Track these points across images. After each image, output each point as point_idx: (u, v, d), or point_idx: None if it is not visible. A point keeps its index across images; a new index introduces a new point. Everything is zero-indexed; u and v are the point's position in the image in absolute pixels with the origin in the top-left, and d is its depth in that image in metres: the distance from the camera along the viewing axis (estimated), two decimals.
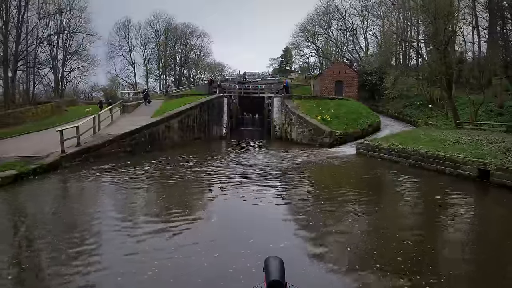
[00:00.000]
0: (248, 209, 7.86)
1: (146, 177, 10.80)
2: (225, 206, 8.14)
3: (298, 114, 21.42)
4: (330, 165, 13.57)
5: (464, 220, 7.48)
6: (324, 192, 9.36)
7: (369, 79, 32.66)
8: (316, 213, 7.39)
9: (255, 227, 6.60)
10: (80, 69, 42.22)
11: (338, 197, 8.73)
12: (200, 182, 10.33)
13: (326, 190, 9.55)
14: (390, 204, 8.53)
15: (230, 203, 8.38)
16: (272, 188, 9.63)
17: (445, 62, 23.54)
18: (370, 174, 12.38)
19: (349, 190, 9.39)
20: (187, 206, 7.79)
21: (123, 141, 14.28)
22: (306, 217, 7.05)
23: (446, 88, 22.88)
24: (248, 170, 12.09)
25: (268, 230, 6.40)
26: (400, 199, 9.05)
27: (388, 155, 14.44)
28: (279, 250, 5.23)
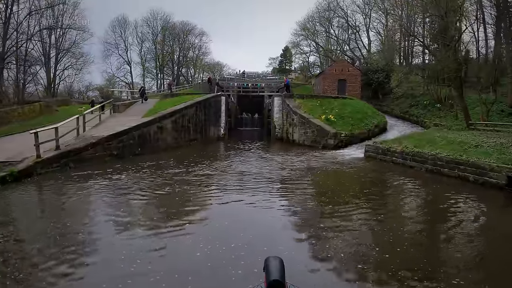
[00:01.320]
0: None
1: (112, 191, 8.99)
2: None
3: (300, 114, 20.09)
4: (338, 172, 12.13)
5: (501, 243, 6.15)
6: (335, 211, 7.63)
7: (375, 76, 31.34)
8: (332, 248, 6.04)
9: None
10: (74, 68, 40.71)
11: (351, 215, 7.40)
12: (179, 198, 8.39)
13: (337, 207, 7.95)
14: (416, 223, 7.19)
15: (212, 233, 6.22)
16: (268, 207, 7.75)
17: (456, 59, 22.28)
18: (384, 182, 11.06)
19: (367, 211, 7.88)
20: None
21: (109, 143, 12.91)
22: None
23: (458, 86, 21.60)
24: (242, 180, 10.52)
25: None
26: (424, 213, 7.73)
27: (401, 159, 13.12)
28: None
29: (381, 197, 9.23)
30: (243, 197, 8.58)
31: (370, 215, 7.25)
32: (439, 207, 8.18)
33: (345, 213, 7.33)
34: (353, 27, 43.75)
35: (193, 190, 9.14)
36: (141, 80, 56.40)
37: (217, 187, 9.71)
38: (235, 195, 8.81)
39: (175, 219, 6.79)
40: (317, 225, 6.51)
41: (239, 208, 7.83)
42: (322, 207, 7.84)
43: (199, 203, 8.17)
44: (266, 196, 8.72)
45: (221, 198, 8.51)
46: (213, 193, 9.09)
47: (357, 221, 6.87)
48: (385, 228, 6.42)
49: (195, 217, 7.08)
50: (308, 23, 49.86)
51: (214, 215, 7.31)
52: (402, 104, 30.65)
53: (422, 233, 6.36)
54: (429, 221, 7.17)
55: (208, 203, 8.27)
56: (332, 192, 9.36)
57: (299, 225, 6.68)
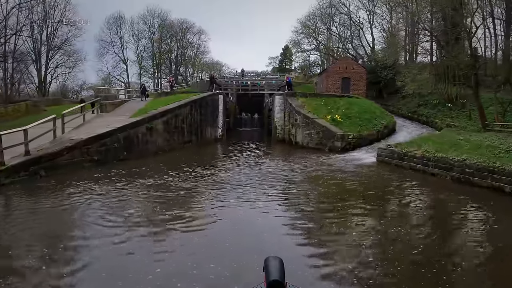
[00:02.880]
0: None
1: (73, 211, 7.26)
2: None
3: (304, 114, 18.52)
4: (351, 182, 10.28)
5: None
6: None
7: (383, 74, 29.84)
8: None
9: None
10: (65, 65, 39.06)
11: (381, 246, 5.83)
12: (149, 223, 6.54)
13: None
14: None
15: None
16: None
17: (472, 54, 20.75)
18: (406, 194, 9.47)
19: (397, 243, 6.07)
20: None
21: (88, 147, 11.31)
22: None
23: (473, 84, 20.06)
24: (237, 198, 8.36)
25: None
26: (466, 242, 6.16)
27: (421, 165, 11.55)
28: None
29: (407, 216, 7.65)
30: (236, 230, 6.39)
31: (405, 249, 5.69)
32: (480, 229, 6.64)
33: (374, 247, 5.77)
34: (356, 24, 42.16)
35: (172, 213, 7.14)
36: (138, 79, 54.84)
37: (204, 209, 7.59)
38: (224, 224, 6.64)
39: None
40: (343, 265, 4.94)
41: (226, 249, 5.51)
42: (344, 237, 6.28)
43: (175, 236, 6.03)
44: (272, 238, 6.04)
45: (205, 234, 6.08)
46: (195, 225, 6.49)
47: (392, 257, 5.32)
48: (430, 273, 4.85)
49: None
50: (309, 20, 48.37)
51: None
52: (409, 103, 29.11)
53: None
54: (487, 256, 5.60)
55: (188, 238, 5.95)
56: (350, 215, 7.54)
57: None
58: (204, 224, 6.53)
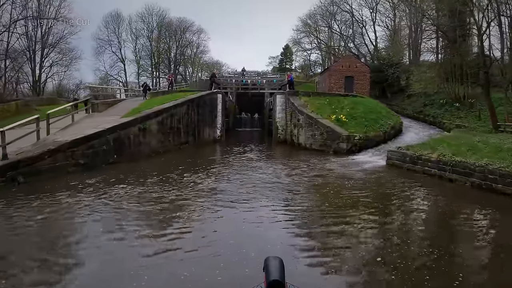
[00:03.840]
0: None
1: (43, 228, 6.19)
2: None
3: (307, 114, 17.56)
4: (361, 190, 9.14)
5: None
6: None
7: (390, 71, 28.96)
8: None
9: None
10: (60, 64, 38.08)
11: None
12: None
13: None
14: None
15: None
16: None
17: (483, 53, 19.80)
18: (425, 204, 8.52)
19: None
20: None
21: (73, 150, 10.35)
22: None
23: (484, 83, 19.13)
24: (232, 212, 7.23)
25: None
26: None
27: (437, 170, 10.60)
28: None
29: (433, 236, 6.68)
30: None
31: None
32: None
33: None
34: (359, 22, 41.20)
35: (156, 230, 6.13)
36: (136, 79, 53.85)
37: (183, 235, 6.01)
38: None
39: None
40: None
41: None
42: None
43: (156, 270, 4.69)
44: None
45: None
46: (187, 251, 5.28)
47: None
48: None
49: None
50: (310, 18, 47.45)
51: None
52: (414, 103, 28.23)
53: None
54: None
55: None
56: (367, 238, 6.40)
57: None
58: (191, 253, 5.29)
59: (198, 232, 6.09)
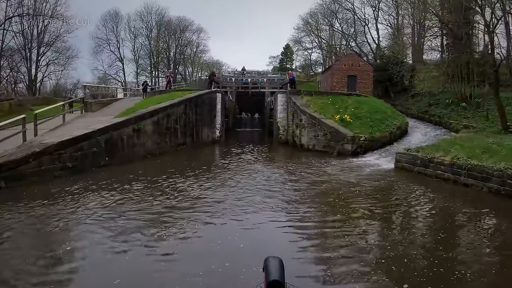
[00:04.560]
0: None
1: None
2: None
3: (310, 114, 16.86)
4: (371, 198, 8.32)
5: None
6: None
7: (395, 70, 28.30)
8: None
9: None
10: (56, 63, 37.41)
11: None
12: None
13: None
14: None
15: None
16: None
17: (493, 50, 19.09)
18: (448, 217, 7.78)
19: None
20: None
21: (60, 152, 9.63)
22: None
23: (494, 82, 18.40)
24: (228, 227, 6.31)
25: None
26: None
27: (451, 174, 9.88)
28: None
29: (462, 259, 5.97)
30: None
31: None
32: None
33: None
34: (361, 20, 40.48)
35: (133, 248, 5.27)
36: (135, 78, 53.16)
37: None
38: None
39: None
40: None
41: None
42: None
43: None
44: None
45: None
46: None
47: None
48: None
49: None
50: (312, 17, 46.75)
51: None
52: (418, 103, 27.53)
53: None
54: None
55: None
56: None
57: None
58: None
59: (183, 256, 5.13)
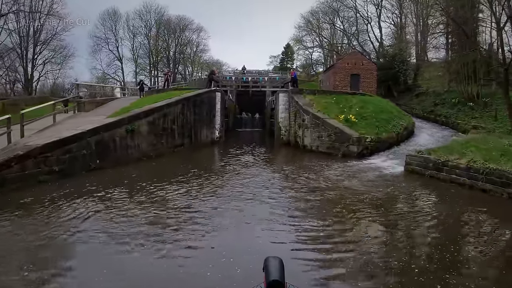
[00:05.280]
0: None
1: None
2: None
3: (313, 113, 16.15)
4: (383, 208, 7.51)
5: None
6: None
7: (402, 68, 27.60)
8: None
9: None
10: (55, 62, 36.71)
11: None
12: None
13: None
14: None
15: None
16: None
17: (503, 48, 18.39)
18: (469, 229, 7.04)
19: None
20: None
21: (46, 155, 8.93)
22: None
23: (504, 81, 17.69)
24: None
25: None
26: None
27: (467, 178, 9.18)
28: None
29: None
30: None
31: None
32: None
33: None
34: (364, 18, 39.70)
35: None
36: (134, 78, 52.46)
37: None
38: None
39: None
40: None
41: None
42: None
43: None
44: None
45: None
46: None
47: None
48: None
49: None
50: (313, 15, 46.00)
51: None
52: (423, 102, 26.84)
53: None
54: None
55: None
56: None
57: None
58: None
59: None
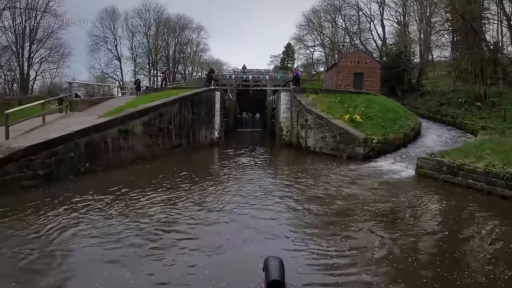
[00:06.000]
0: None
1: None
2: None
3: (317, 113, 15.44)
4: (400, 220, 6.73)
5: None
6: None
7: (409, 66, 26.93)
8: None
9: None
10: (52, 61, 36.06)
11: None
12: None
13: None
14: None
15: None
16: None
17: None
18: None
19: None
20: None
21: (30, 159, 8.23)
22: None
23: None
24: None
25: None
26: None
27: (485, 184, 8.47)
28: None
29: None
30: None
31: None
32: None
33: None
34: (367, 16, 38.99)
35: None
36: (133, 77, 51.76)
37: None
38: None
39: None
40: None
41: None
42: None
43: None
44: None
45: None
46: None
47: None
48: None
49: None
50: (314, 13, 45.29)
51: None
52: (428, 102, 26.11)
53: None
54: None
55: None
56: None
57: None
58: None
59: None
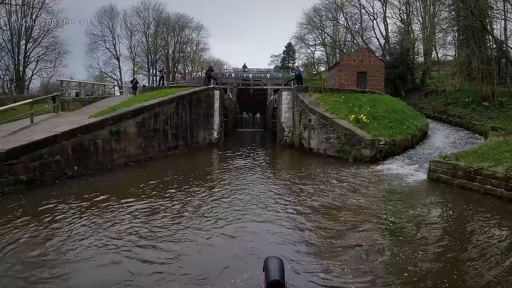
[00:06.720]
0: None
1: None
2: None
3: (321, 113, 14.73)
4: (419, 238, 5.76)
5: None
6: None
7: (416, 64, 26.20)
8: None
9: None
10: (48, 60, 35.39)
11: None
12: None
13: None
14: None
15: None
16: None
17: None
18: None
19: None
20: None
21: (12, 163, 7.54)
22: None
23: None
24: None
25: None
26: None
27: (505, 190, 7.75)
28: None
29: None
30: None
31: None
32: None
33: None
34: (370, 14, 38.18)
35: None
36: (131, 76, 51.13)
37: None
38: None
39: None
40: None
41: None
42: None
43: None
44: None
45: None
46: None
47: None
48: None
49: None
50: (315, 17, 44.63)
51: None
52: (434, 102, 25.37)
53: None
54: None
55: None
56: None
57: None
58: None
59: None
